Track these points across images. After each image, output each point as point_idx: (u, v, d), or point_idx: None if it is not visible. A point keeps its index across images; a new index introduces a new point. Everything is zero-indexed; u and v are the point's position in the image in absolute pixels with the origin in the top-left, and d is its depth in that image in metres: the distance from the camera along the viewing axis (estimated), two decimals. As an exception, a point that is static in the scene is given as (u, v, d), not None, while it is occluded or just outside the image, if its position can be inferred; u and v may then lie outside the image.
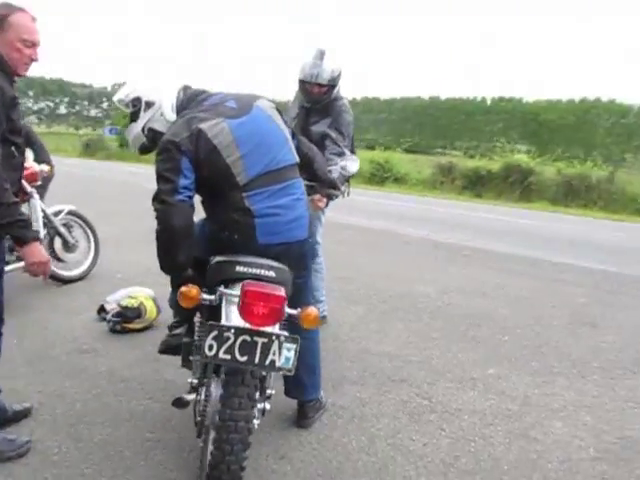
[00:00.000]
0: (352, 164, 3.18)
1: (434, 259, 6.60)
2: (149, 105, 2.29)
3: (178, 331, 2.54)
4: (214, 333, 1.68)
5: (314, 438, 2.49)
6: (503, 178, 16.07)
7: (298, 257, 2.22)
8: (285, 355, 1.71)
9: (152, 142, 2.37)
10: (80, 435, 2.43)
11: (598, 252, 7.32)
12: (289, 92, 4.07)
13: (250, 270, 1.98)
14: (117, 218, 7.60)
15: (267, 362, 1.71)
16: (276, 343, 1.70)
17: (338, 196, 3.05)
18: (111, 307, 3.78)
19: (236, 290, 1.93)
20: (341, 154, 3.35)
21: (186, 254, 2.10)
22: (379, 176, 17.69)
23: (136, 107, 2.32)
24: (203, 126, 2.06)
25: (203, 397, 1.99)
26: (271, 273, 2.00)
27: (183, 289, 1.93)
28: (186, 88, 2.35)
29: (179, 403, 2.27)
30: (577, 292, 5.16)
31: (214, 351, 1.69)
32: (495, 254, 6.97)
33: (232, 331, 1.69)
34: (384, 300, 4.60)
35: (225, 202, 2.10)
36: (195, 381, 2.08)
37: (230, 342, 1.68)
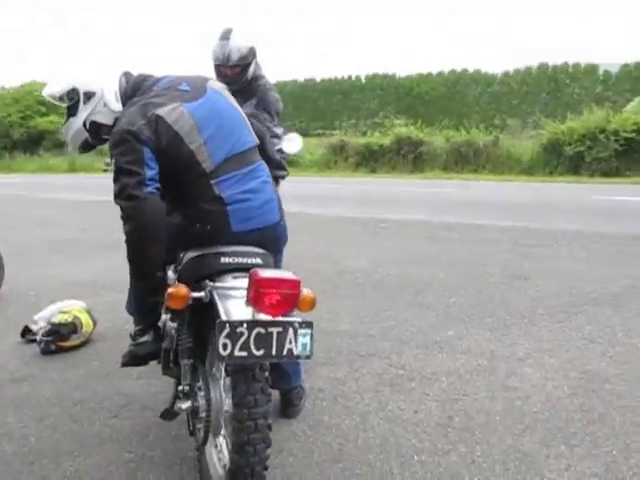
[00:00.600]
0: (292, 144, 3.12)
1: (355, 234, 6.74)
2: (89, 96, 2.09)
3: (144, 339, 2.37)
4: (227, 330, 1.57)
5: (305, 425, 2.44)
6: (395, 151, 16.73)
7: (273, 241, 2.13)
8: (301, 341, 1.64)
9: (96, 137, 2.20)
10: (46, 472, 2.18)
11: (504, 211, 7.89)
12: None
13: (236, 260, 1.88)
14: (7, 231, 6.91)
15: (285, 352, 1.62)
16: (291, 330, 1.63)
17: (284, 177, 2.99)
18: (39, 327, 3.43)
19: (228, 283, 1.83)
20: (275, 135, 3.27)
21: (161, 252, 1.96)
22: (273, 160, 17.64)
23: (73, 100, 2.11)
24: (160, 112, 1.92)
25: (203, 402, 1.87)
26: (257, 260, 1.92)
27: (172, 290, 1.78)
28: (127, 74, 2.17)
29: (169, 415, 2.12)
30: (501, 249, 5.52)
31: (229, 350, 1.57)
32: (412, 223, 7.26)
33: (245, 325, 1.59)
34: (322, 280, 4.61)
35: (192, 192, 1.97)
36: (187, 387, 1.93)
37: (244, 337, 1.58)
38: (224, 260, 1.86)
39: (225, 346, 1.56)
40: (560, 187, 11.41)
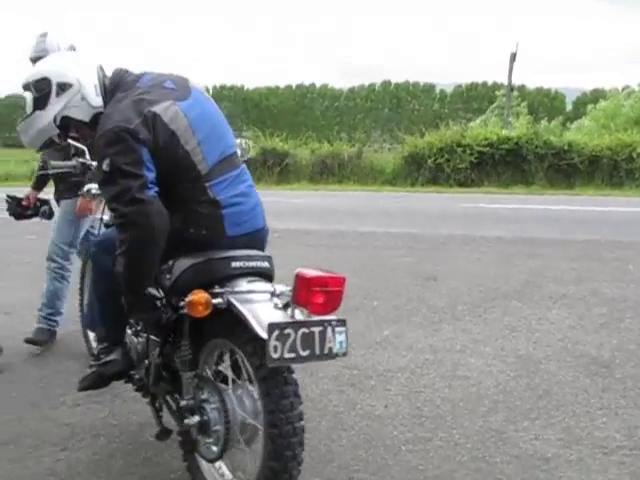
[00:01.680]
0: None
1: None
2: (63, 88, 1.94)
3: (112, 357, 2.21)
4: (276, 333, 1.57)
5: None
6: (261, 163, 16.94)
7: (260, 246, 2.14)
8: (338, 339, 1.69)
9: (64, 134, 2.03)
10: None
11: (385, 218, 8.44)
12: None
13: (247, 264, 1.88)
14: None
15: (326, 351, 1.67)
16: (329, 329, 1.67)
17: None
18: None
19: (244, 287, 1.81)
20: None
21: (158, 261, 1.89)
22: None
23: (43, 91, 1.95)
24: (157, 109, 1.86)
25: (215, 415, 1.83)
26: (265, 264, 1.94)
27: (194, 298, 1.72)
28: (102, 68, 2.05)
29: (165, 435, 2.05)
30: (400, 254, 5.93)
31: (279, 352, 1.57)
32: (302, 232, 7.45)
33: (291, 327, 1.61)
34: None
35: (186, 195, 1.92)
36: (191, 402, 1.87)
37: (292, 339, 1.60)
38: (235, 264, 1.85)
39: (275, 349, 1.57)
40: (424, 196, 12.44)
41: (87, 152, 2.45)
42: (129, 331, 2.28)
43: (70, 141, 2.30)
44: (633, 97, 17.90)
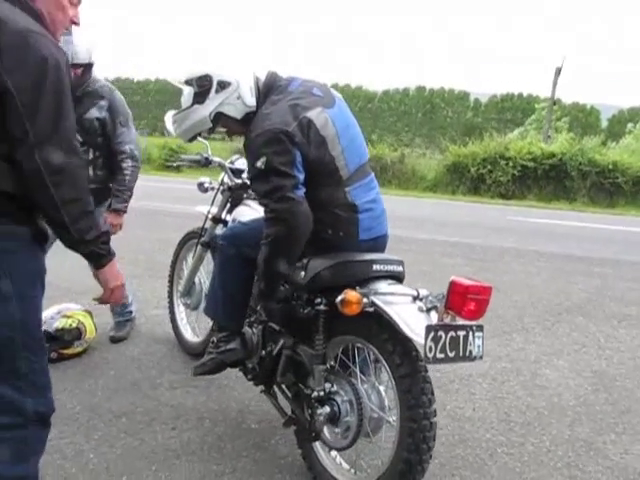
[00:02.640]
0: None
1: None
2: (223, 86, 2.08)
3: (231, 346, 2.35)
4: (432, 334, 1.71)
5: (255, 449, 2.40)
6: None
7: (381, 251, 2.22)
8: (477, 343, 1.81)
9: (212, 129, 2.18)
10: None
11: (440, 226, 8.54)
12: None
13: (386, 267, 2.00)
14: None
15: (467, 353, 1.78)
16: (471, 333, 1.79)
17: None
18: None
19: (385, 289, 1.92)
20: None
21: (297, 257, 2.03)
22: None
23: (204, 87, 2.09)
24: (311, 115, 1.98)
25: (346, 407, 1.96)
26: (400, 268, 2.05)
27: (348, 296, 1.83)
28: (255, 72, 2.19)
29: (290, 422, 2.17)
30: (459, 262, 6.03)
31: (433, 352, 1.71)
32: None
33: (442, 329, 1.73)
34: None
35: (328, 198, 2.04)
36: (322, 393, 2.00)
37: (442, 341, 1.72)
38: (376, 267, 1.98)
39: (430, 349, 1.70)
40: (467, 205, 12.48)
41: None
42: (247, 322, 2.43)
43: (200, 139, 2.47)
44: None
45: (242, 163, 2.90)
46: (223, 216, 2.93)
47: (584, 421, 2.72)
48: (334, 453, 2.15)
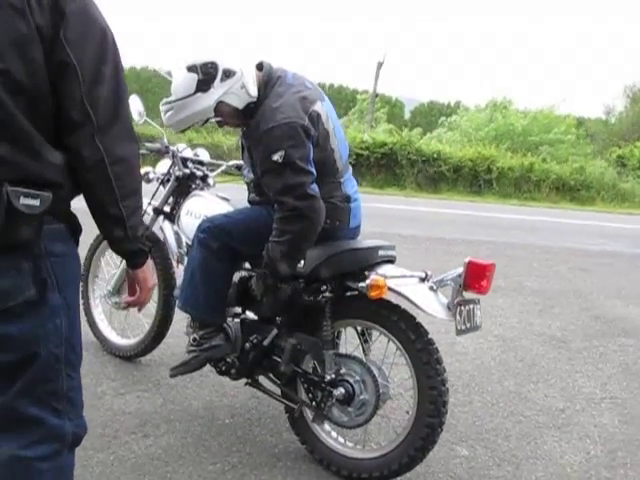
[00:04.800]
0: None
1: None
2: (228, 74, 2.03)
3: (216, 342, 2.32)
4: (459, 309, 1.96)
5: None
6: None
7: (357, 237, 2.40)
8: (478, 314, 2.08)
9: (208, 119, 2.15)
10: None
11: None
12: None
13: (387, 252, 2.18)
14: None
15: (474, 324, 2.05)
16: (477, 306, 2.06)
17: None
18: None
19: (394, 272, 2.08)
20: None
21: None
22: None
23: (209, 75, 2.02)
24: (317, 108, 2.05)
25: (360, 386, 2.09)
26: (394, 252, 2.24)
27: (376, 281, 1.95)
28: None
29: (298, 408, 2.25)
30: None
31: (460, 325, 1.98)
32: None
33: (464, 304, 1.98)
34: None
35: (327, 189, 2.11)
36: (333, 376, 2.11)
37: (464, 314, 1.98)
38: (381, 253, 2.15)
39: (459, 322, 1.97)
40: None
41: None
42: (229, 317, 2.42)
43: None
44: (499, 112, 19.79)
45: (189, 152, 2.85)
46: (166, 208, 2.83)
47: (507, 377, 3.21)
48: (335, 434, 2.29)
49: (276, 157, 1.95)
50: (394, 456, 2.10)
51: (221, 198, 2.66)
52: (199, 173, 2.77)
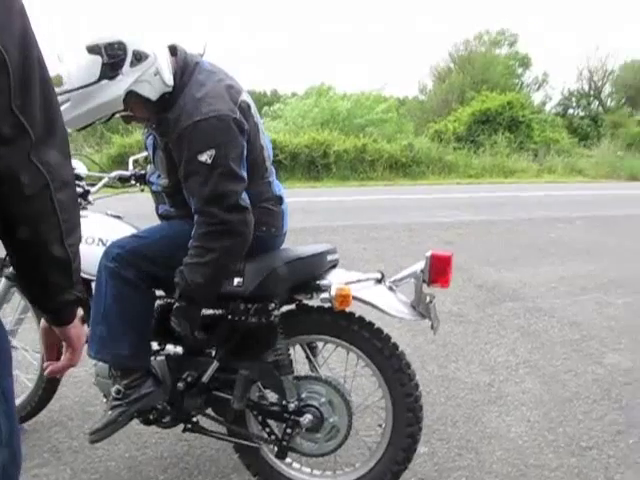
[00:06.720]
0: None
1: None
2: (139, 58, 1.67)
3: (146, 390, 1.97)
4: (431, 306, 1.87)
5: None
6: None
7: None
8: (436, 307, 1.99)
9: (114, 114, 1.77)
10: None
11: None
12: None
13: (333, 257, 2.01)
14: None
15: (438, 318, 1.95)
16: (433, 299, 1.94)
17: None
18: None
19: (348, 277, 1.92)
20: None
21: None
22: None
23: (116, 58, 1.65)
24: (245, 98, 1.80)
25: (328, 408, 1.93)
26: (337, 255, 2.07)
27: (342, 291, 1.78)
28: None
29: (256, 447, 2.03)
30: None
31: (432, 322, 1.89)
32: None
33: (431, 301, 1.88)
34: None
35: (258, 192, 1.88)
36: (297, 403, 1.92)
37: (433, 310, 1.89)
38: (330, 258, 1.97)
39: (434, 319, 1.87)
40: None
41: None
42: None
43: None
44: (323, 97, 20.14)
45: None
46: None
47: (428, 361, 3.25)
48: (297, 465, 2.11)
49: (204, 157, 1.67)
50: (374, 476, 1.97)
51: (113, 216, 2.29)
52: (79, 190, 2.33)
